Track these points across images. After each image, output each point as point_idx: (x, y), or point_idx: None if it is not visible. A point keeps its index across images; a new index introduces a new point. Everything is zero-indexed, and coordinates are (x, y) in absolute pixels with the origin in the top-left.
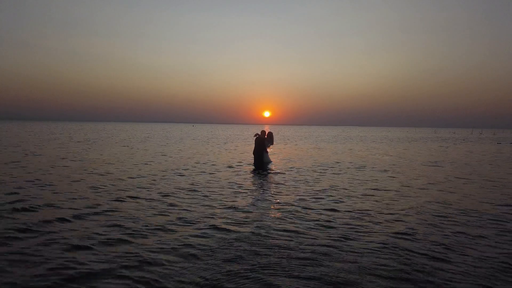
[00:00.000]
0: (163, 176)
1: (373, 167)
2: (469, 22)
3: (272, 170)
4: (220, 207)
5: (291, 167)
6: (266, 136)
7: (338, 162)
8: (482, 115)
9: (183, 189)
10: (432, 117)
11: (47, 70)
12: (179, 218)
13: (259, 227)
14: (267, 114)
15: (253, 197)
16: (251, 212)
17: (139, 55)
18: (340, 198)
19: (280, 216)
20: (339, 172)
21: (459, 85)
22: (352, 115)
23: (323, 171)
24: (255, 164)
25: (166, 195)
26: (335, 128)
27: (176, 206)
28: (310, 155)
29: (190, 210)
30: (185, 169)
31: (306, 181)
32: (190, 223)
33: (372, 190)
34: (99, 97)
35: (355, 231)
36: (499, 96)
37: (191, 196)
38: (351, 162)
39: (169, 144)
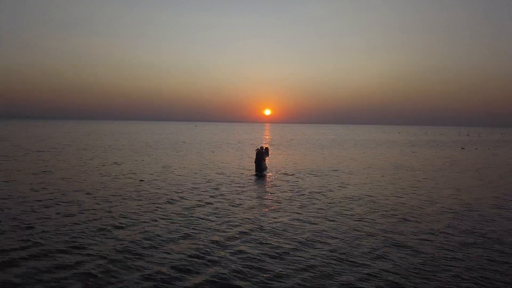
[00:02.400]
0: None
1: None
2: (469, 22)
3: (268, 174)
4: (243, 191)
5: (282, 172)
6: (264, 150)
7: (317, 167)
8: (482, 114)
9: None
10: (432, 116)
11: (47, 70)
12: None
13: (256, 199)
14: (267, 112)
15: (254, 189)
16: (254, 194)
17: (139, 55)
18: (310, 193)
19: (269, 195)
20: (308, 175)
21: (458, 85)
22: (352, 114)
23: (305, 174)
24: (256, 169)
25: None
26: (334, 127)
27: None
28: (296, 162)
29: (225, 192)
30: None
31: (288, 181)
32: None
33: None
34: (99, 97)
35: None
36: (499, 95)
37: (229, 188)
38: (331, 168)
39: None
